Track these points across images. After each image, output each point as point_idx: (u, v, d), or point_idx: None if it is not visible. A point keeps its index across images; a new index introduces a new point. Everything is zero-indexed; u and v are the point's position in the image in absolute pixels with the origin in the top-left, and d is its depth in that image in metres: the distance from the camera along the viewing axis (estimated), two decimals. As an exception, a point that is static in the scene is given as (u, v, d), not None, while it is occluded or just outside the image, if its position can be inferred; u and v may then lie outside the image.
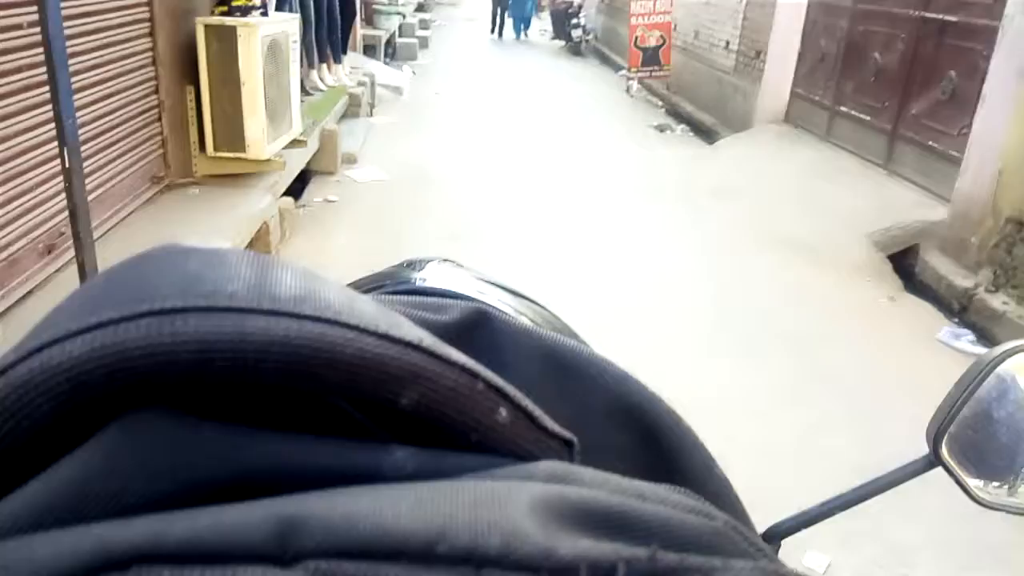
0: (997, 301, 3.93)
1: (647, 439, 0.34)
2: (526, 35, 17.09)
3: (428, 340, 0.21)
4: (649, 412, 0.34)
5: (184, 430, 0.20)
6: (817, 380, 3.31)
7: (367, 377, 0.20)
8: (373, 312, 0.21)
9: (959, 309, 4.13)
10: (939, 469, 0.56)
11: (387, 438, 0.22)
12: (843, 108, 6.47)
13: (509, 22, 17.12)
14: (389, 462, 0.21)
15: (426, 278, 0.42)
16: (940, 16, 5.19)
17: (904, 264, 4.66)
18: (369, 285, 0.41)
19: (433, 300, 0.33)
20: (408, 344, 0.21)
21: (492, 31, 17.14)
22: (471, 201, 5.47)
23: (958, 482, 0.54)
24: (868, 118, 6.09)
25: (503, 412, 0.22)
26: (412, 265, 0.44)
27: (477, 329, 0.32)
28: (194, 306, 0.20)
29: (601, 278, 4.26)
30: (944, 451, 0.54)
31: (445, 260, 0.46)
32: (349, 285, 0.42)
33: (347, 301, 0.21)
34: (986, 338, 3.81)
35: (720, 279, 4.35)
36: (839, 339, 3.72)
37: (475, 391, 0.22)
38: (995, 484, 0.53)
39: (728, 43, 8.83)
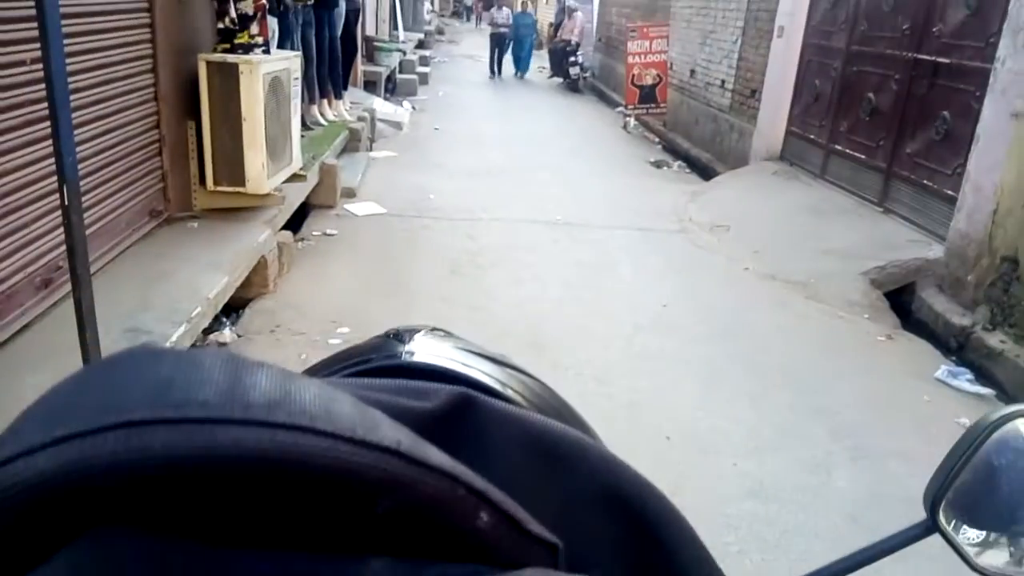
0: (994, 339, 3.93)
1: (639, 531, 0.33)
2: (524, 75, 16.99)
3: (407, 443, 0.21)
4: (642, 502, 0.34)
5: (153, 548, 0.19)
6: (816, 418, 3.29)
7: (342, 486, 0.20)
8: (350, 414, 0.21)
9: (956, 347, 4.13)
10: (937, 535, 0.55)
11: (363, 548, 0.21)
12: (838, 146, 6.54)
13: (508, 60, 17.04)
14: None
15: (413, 352, 0.41)
16: (933, 58, 5.27)
17: (901, 301, 4.67)
18: (355, 360, 0.40)
19: (417, 385, 0.32)
20: (385, 449, 0.20)
21: (491, 72, 16.92)
22: (470, 235, 5.49)
23: (956, 549, 0.53)
24: (863, 156, 6.15)
25: (484, 516, 0.21)
26: (399, 336, 0.43)
27: (461, 416, 0.31)
28: (163, 418, 0.19)
29: (600, 310, 4.25)
30: (941, 517, 0.53)
31: (434, 329, 0.46)
32: (336, 357, 0.41)
33: (323, 403, 0.21)
34: (984, 376, 3.80)
35: (718, 314, 4.34)
36: (838, 376, 3.71)
37: (455, 496, 0.21)
38: (993, 551, 0.52)
39: (724, 82, 8.95)
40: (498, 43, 16.87)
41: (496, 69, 16.87)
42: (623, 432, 3.08)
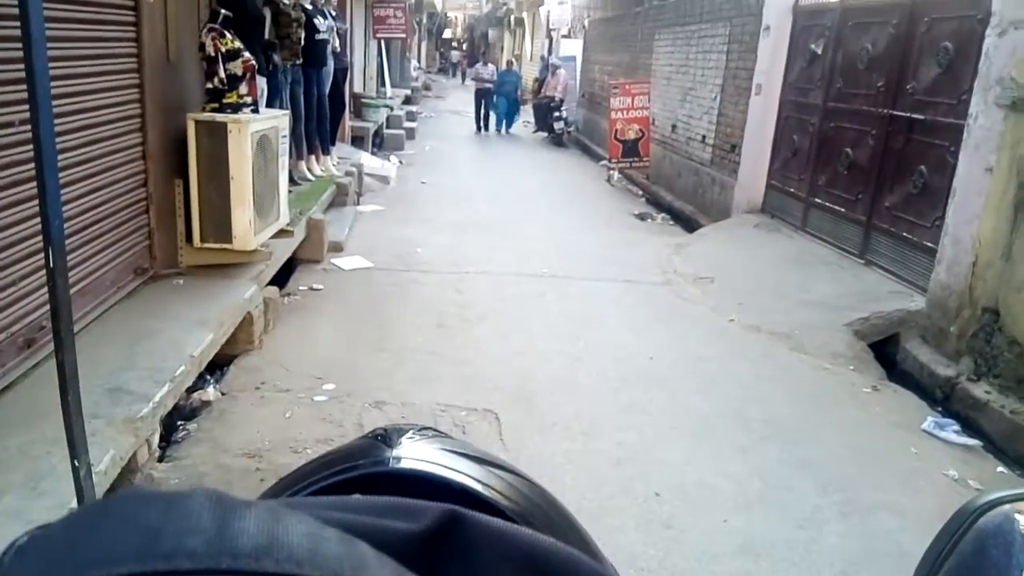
0: (979, 390, 3.95)
1: None
2: (509, 131, 16.84)
3: None
4: None
5: None
6: (805, 471, 3.27)
7: None
8: (336, 555, 0.21)
9: (942, 398, 4.14)
10: None
11: None
12: (818, 200, 6.66)
13: (493, 117, 16.97)
14: None
15: (400, 457, 0.41)
16: (907, 114, 5.42)
17: (885, 352, 4.70)
18: (340, 467, 0.40)
19: (404, 503, 0.32)
20: None
21: (477, 127, 16.77)
22: (457, 288, 5.50)
23: None
24: (843, 209, 6.26)
25: None
26: (386, 438, 0.43)
27: (450, 535, 0.31)
28: (154, 571, 0.19)
29: (587, 363, 4.25)
30: None
31: (422, 429, 0.46)
32: (321, 463, 0.41)
33: (310, 545, 0.21)
34: (971, 427, 3.81)
35: (704, 366, 4.35)
36: (825, 429, 3.70)
37: None
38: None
39: (704, 137, 9.14)
40: (483, 98, 16.80)
41: (482, 124, 16.79)
42: (612, 489, 3.05)
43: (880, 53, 5.83)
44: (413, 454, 0.41)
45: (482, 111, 16.78)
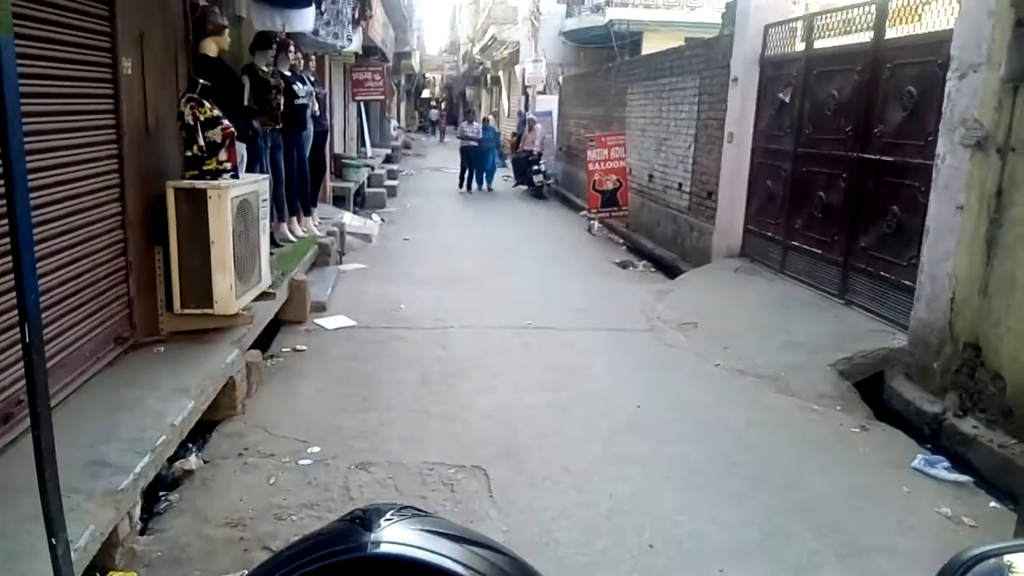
0: (967, 426, 3.96)
1: None
2: (490, 187, 16.41)
3: None
4: None
5: None
6: (799, 515, 3.24)
7: None
8: None
9: (930, 435, 4.15)
10: None
11: None
12: (795, 242, 6.75)
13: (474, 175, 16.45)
14: None
15: (379, 541, 0.41)
16: (877, 156, 5.55)
17: (871, 391, 4.71)
18: (317, 554, 0.40)
19: None
20: None
21: (460, 185, 16.30)
22: (441, 344, 5.48)
23: None
24: (820, 251, 6.34)
25: None
26: (365, 521, 0.43)
27: None
28: None
29: (574, 414, 4.22)
30: None
31: (402, 508, 0.45)
32: (298, 550, 0.41)
33: None
34: (961, 463, 3.80)
35: (693, 412, 4.33)
36: (817, 471, 3.68)
37: None
38: None
39: (681, 185, 9.29)
40: (469, 157, 16.31)
41: (467, 184, 16.21)
42: (606, 543, 3.00)
43: (846, 99, 6.00)
44: (392, 537, 0.41)
45: (469, 170, 16.28)
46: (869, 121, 5.67)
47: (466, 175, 16.27)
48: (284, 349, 5.20)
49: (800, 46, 6.81)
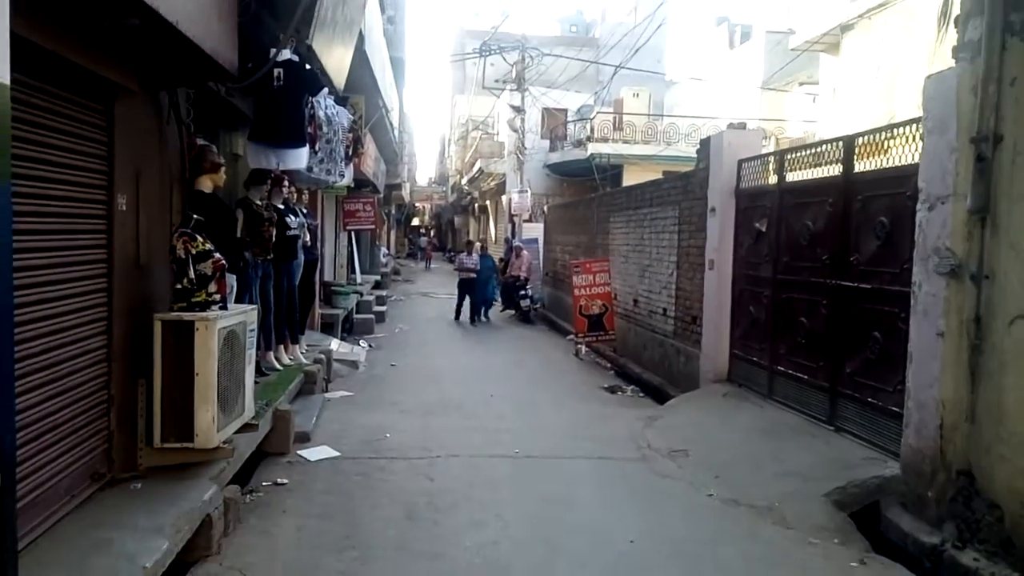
0: (967, 558, 3.84)
1: None
2: (487, 318, 15.44)
3: None
4: None
5: None
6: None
7: None
8: None
9: (930, 568, 4.01)
10: None
11: None
12: (781, 368, 6.77)
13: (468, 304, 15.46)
14: None
15: None
16: (855, 284, 5.68)
17: (867, 521, 4.59)
18: None
19: None
20: None
21: (456, 318, 15.41)
22: (428, 475, 5.34)
23: None
24: (806, 377, 6.36)
25: None
26: None
27: None
28: None
29: (565, 551, 4.06)
30: None
31: None
32: None
33: None
34: (966, 599, 3.66)
35: (688, 548, 4.19)
36: (818, 611, 3.52)
37: None
38: None
39: (666, 310, 9.42)
40: (467, 289, 15.35)
41: (464, 314, 15.30)
42: None
43: (821, 229, 6.20)
44: None
45: (469, 302, 15.31)
46: (845, 250, 5.84)
47: (462, 306, 15.51)
48: (265, 483, 5.04)
49: (773, 179, 7.11)
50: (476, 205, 34.92)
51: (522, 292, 15.83)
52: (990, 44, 3.92)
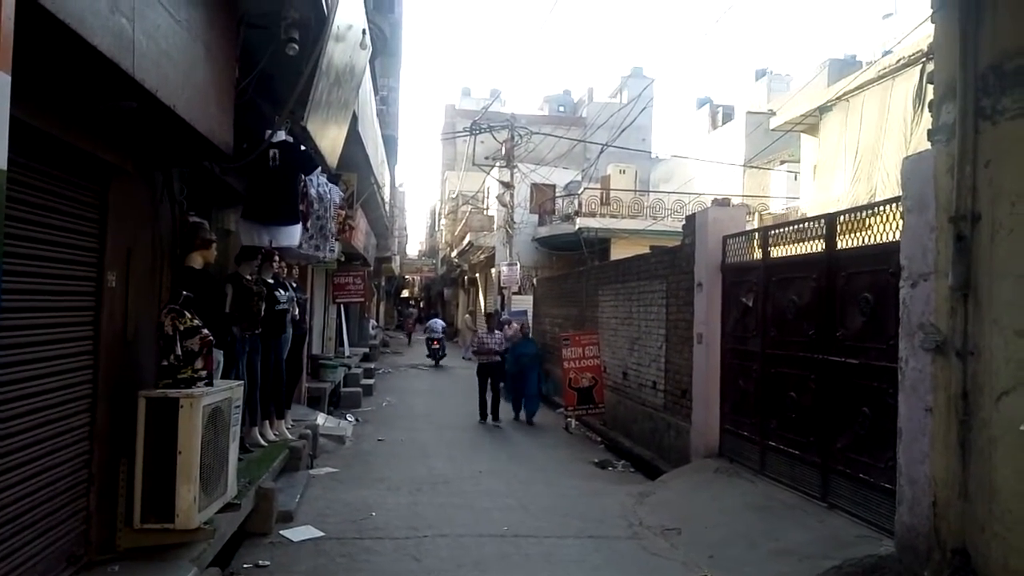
0: (969, 642, 3.74)
1: None
2: (531, 420, 12.00)
3: None
4: None
5: None
6: None
7: None
8: None
9: (933, 653, 3.90)
10: None
11: None
12: (772, 443, 6.72)
13: (492, 398, 11.93)
14: None
15: None
16: (842, 359, 5.70)
17: (866, 603, 4.48)
18: None
19: None
20: None
21: (482, 418, 11.80)
22: (415, 556, 5.19)
23: None
24: (797, 452, 6.30)
25: None
26: None
27: None
28: None
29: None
30: None
31: None
32: None
33: None
34: None
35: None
36: None
37: None
38: None
39: (655, 383, 9.39)
40: (490, 376, 11.83)
41: (490, 412, 11.80)
42: None
43: (807, 304, 6.27)
44: None
45: (491, 396, 11.83)
46: (831, 325, 5.88)
47: (487, 402, 11.83)
48: (246, 564, 4.89)
49: (758, 254, 7.22)
50: (466, 277, 35.07)
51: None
52: (964, 128, 4.06)
